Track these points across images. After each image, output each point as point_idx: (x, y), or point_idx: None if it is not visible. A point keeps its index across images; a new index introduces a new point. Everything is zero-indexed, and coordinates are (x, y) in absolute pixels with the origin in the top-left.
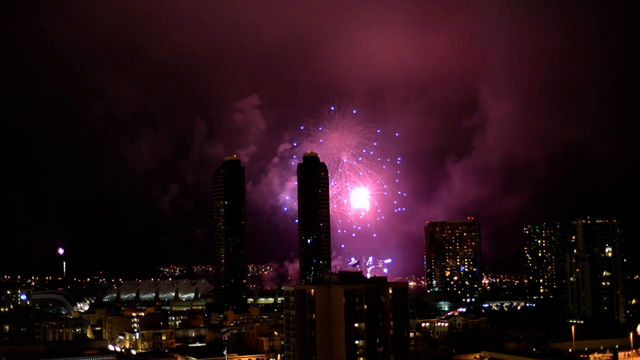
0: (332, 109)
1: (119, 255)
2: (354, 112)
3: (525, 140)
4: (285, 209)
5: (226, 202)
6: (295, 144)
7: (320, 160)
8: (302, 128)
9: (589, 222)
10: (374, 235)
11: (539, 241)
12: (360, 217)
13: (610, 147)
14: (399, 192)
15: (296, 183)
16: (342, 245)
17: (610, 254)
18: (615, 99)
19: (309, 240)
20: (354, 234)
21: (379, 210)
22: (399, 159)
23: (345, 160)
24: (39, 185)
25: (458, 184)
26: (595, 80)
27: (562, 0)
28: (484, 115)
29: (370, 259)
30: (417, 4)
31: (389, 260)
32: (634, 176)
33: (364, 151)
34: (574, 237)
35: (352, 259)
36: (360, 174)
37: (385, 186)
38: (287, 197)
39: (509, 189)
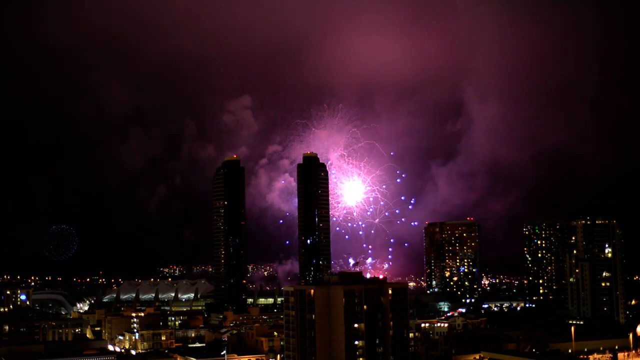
0: (323, 109)
1: (110, 254)
2: (344, 112)
3: (511, 144)
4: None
5: (226, 203)
6: (284, 146)
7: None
8: (291, 129)
9: (588, 222)
10: (361, 233)
11: (539, 242)
12: (349, 217)
13: (595, 150)
14: (385, 197)
15: (283, 182)
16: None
17: (610, 255)
18: (601, 101)
19: (308, 241)
20: (347, 237)
21: (369, 212)
22: (399, 171)
23: (333, 161)
24: (29, 185)
25: (443, 188)
26: (580, 83)
27: (549, 4)
28: (469, 119)
29: (370, 259)
30: (406, 7)
31: (370, 260)
32: (620, 178)
33: (352, 151)
34: (573, 238)
35: (350, 260)
36: (349, 174)
37: (374, 187)
38: (276, 199)
39: (495, 192)
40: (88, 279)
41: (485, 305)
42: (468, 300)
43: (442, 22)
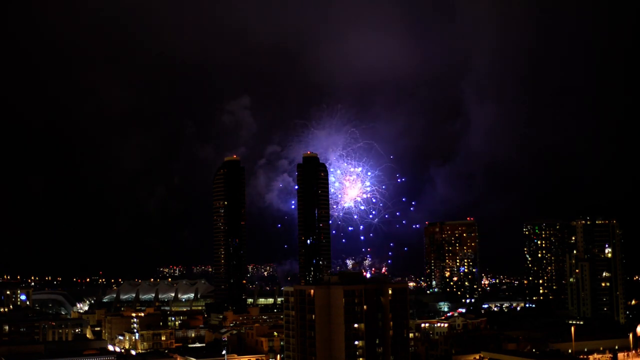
0: (321, 109)
1: (110, 254)
2: (343, 112)
3: (510, 144)
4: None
5: (226, 203)
6: (282, 146)
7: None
8: (290, 129)
9: (588, 222)
10: (362, 238)
11: (539, 242)
12: (348, 217)
13: (594, 150)
14: (384, 197)
15: (281, 185)
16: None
17: (610, 255)
18: (598, 102)
19: (308, 241)
20: (343, 240)
21: (371, 215)
22: (398, 174)
23: (332, 161)
24: (29, 185)
25: (442, 188)
26: (579, 83)
27: (548, 6)
28: (468, 119)
29: (368, 260)
30: (405, 7)
31: (367, 261)
32: (620, 178)
33: (351, 151)
34: (573, 238)
35: (348, 261)
36: (348, 174)
37: (373, 187)
38: (275, 199)
39: (494, 192)
40: (88, 279)
41: (485, 305)
42: (468, 300)
43: (441, 23)
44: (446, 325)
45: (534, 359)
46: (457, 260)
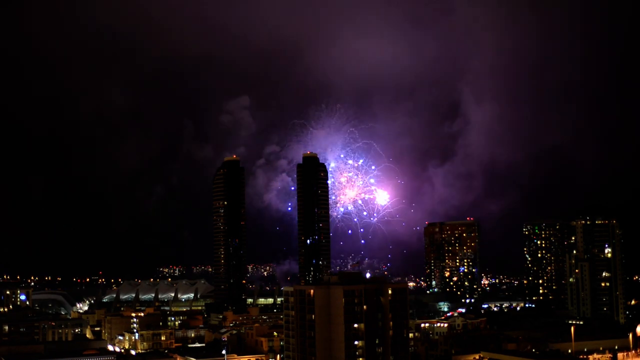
0: (320, 109)
1: (110, 254)
2: (342, 112)
3: (508, 144)
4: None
5: (226, 203)
6: (281, 147)
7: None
8: (289, 129)
9: (588, 222)
10: (362, 241)
11: (539, 242)
12: (346, 218)
13: (593, 149)
14: (384, 196)
15: (280, 187)
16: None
17: (609, 255)
18: (597, 102)
19: (308, 241)
20: (341, 242)
21: (373, 218)
22: (397, 176)
23: (331, 162)
24: (29, 185)
25: (441, 188)
26: (577, 84)
27: (546, 5)
28: (467, 120)
29: (366, 260)
30: (403, 7)
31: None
32: (619, 178)
33: (350, 151)
34: (573, 238)
35: (351, 262)
36: (347, 174)
37: (371, 187)
38: (274, 199)
39: (493, 193)
40: (88, 279)
41: (485, 305)
42: (468, 300)
43: (439, 23)
44: (446, 325)
45: (533, 359)
46: (457, 260)
